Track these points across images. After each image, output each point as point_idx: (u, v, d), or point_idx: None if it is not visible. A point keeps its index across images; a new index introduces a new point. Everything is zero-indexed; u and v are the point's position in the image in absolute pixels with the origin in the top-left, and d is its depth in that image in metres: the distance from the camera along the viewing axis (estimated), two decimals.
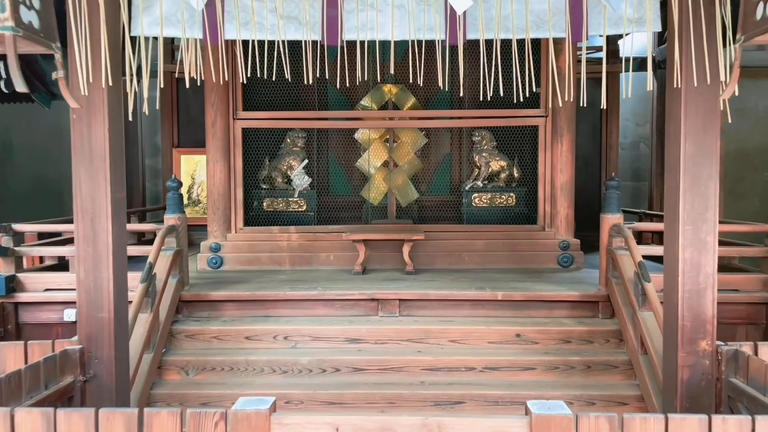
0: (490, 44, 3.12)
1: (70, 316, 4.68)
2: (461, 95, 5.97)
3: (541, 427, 2.23)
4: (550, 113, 5.87)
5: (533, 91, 3.21)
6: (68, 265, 5.12)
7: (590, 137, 7.80)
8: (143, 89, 3.16)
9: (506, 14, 3.25)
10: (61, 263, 5.35)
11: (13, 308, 4.85)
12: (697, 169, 3.24)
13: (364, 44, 3.20)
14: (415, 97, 6.38)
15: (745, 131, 8.66)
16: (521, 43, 3.15)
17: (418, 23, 3.26)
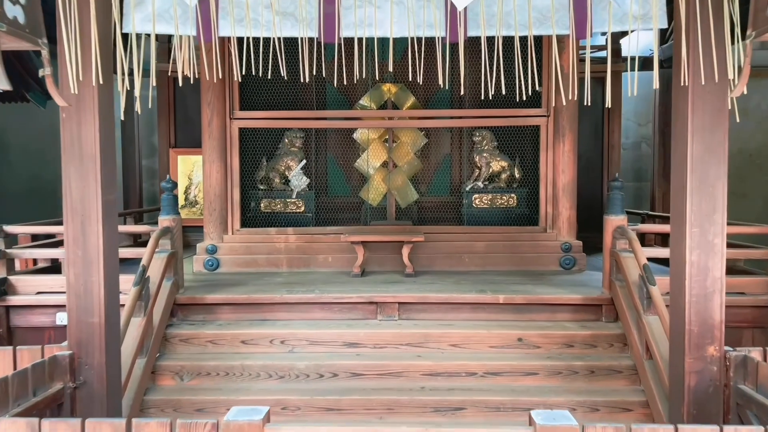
0: (491, 42, 3.04)
1: (62, 319, 4.59)
2: (461, 94, 5.89)
3: None
4: (552, 113, 5.79)
5: (536, 89, 3.13)
6: (61, 267, 5.04)
7: (592, 137, 7.71)
8: (135, 88, 3.07)
9: (508, 10, 3.17)
10: (54, 265, 5.27)
11: (4, 311, 4.77)
12: (704, 169, 3.16)
13: (362, 42, 3.12)
14: (414, 96, 6.32)
15: (748, 131, 8.59)
16: (523, 40, 3.07)
17: (417, 20, 3.18)
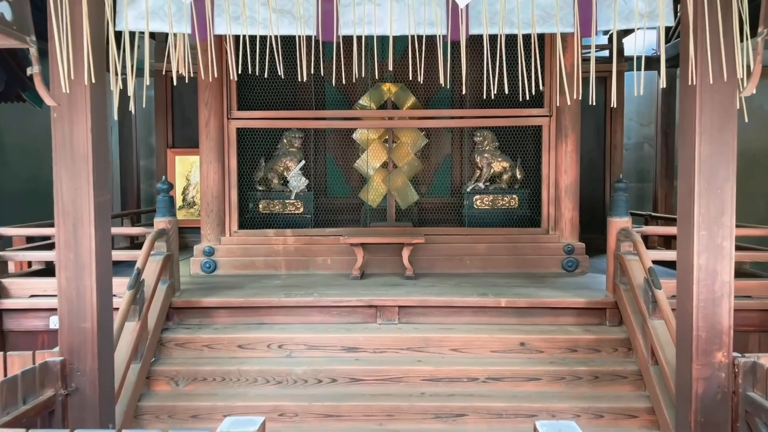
0: (492, 40, 2.96)
1: (55, 323, 4.49)
2: (462, 94, 5.81)
3: None
4: (554, 113, 5.70)
5: (539, 89, 3.05)
6: (55, 270, 4.94)
7: (593, 137, 7.62)
8: (129, 87, 2.99)
9: (511, 8, 3.10)
10: (49, 268, 5.18)
11: None
12: (712, 170, 3.08)
13: (361, 40, 3.04)
14: (415, 96, 6.25)
15: (751, 131, 8.50)
16: (525, 39, 2.99)
17: (418, 17, 3.11)
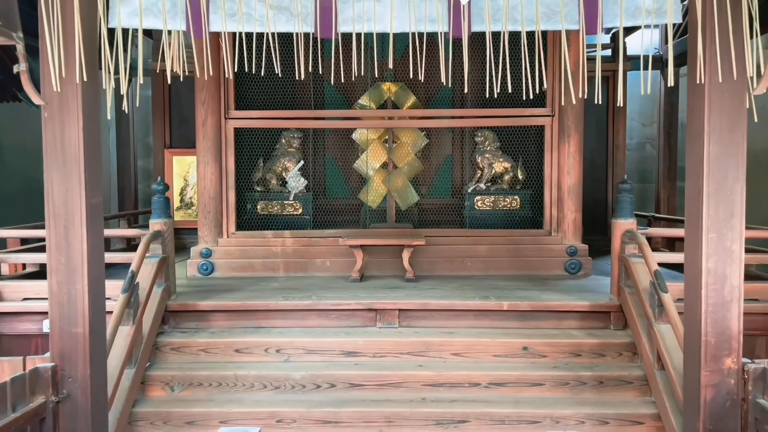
0: (495, 38, 2.88)
1: (48, 327, 4.40)
2: (463, 94, 5.72)
3: None
4: (556, 112, 5.62)
5: (542, 88, 2.97)
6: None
7: (595, 138, 7.54)
8: (122, 85, 2.91)
9: (514, 4, 3.02)
10: (43, 270, 5.08)
11: None
12: (721, 171, 3.01)
13: (360, 37, 2.96)
14: (415, 95, 6.17)
15: (754, 131, 8.40)
16: (527, 36, 2.90)
17: (419, 14, 3.02)
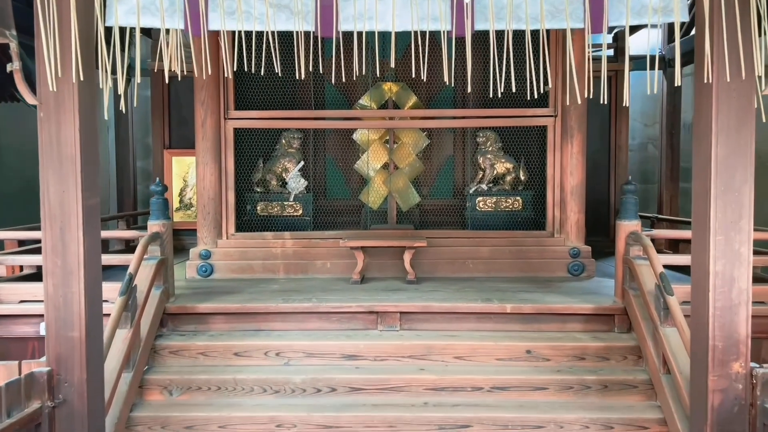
0: (498, 37, 2.83)
1: (44, 330, 4.36)
2: (465, 94, 5.67)
3: None
4: (559, 112, 5.57)
5: (545, 88, 2.92)
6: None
7: (597, 138, 7.49)
8: (119, 85, 2.86)
9: (518, 2, 2.97)
10: (40, 272, 5.03)
11: None
12: (729, 172, 2.97)
13: (362, 36, 2.90)
14: (416, 95, 6.12)
15: (761, 132, 8.36)
16: (532, 35, 2.85)
17: (421, 12, 2.97)
